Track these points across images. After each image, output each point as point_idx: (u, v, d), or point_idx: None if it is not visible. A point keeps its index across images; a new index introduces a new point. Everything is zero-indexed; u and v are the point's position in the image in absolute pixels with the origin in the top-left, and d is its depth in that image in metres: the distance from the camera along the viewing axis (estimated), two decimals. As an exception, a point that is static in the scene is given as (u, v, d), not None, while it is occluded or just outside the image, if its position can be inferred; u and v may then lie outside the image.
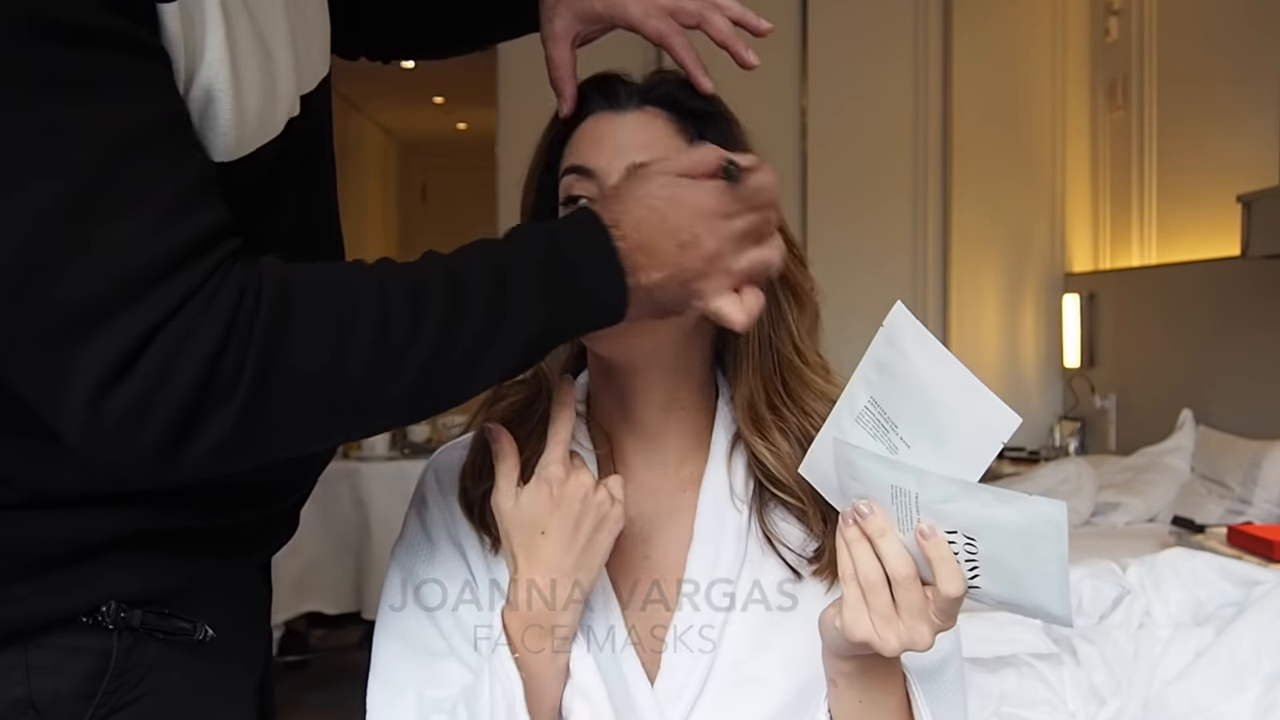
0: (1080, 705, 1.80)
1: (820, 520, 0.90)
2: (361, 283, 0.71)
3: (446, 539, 0.94)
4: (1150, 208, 4.39)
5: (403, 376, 0.71)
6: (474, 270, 0.73)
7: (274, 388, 0.67)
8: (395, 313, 0.70)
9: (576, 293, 0.75)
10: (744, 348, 0.92)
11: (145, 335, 0.64)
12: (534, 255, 0.75)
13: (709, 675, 0.87)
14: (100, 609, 0.80)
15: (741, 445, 0.93)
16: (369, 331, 0.69)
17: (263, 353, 0.66)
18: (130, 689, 0.82)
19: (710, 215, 0.77)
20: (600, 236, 0.76)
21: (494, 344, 0.73)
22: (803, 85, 4.92)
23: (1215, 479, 3.49)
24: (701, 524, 0.91)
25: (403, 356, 0.70)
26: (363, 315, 0.69)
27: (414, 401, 0.74)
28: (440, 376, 0.73)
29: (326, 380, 0.69)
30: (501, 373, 0.77)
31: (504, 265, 0.74)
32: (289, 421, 0.69)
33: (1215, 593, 1.97)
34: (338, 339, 0.69)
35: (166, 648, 0.84)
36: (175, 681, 0.84)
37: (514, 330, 0.74)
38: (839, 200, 4.88)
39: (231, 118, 0.73)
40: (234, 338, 0.66)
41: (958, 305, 4.99)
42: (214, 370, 0.65)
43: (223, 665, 0.89)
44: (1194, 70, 4.12)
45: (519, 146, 1.05)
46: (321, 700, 3.46)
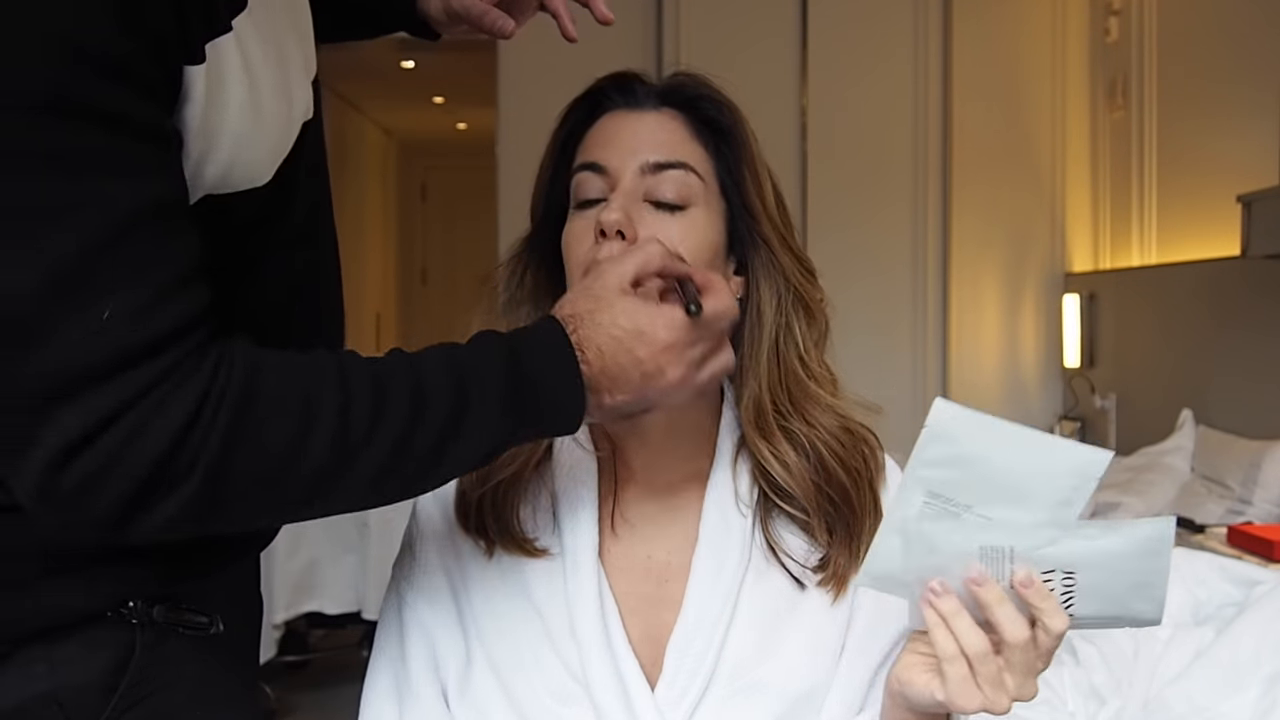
0: (1080, 705, 1.80)
1: (825, 531, 0.90)
2: (327, 380, 0.73)
3: (436, 558, 0.93)
4: (1150, 208, 4.39)
5: (354, 477, 0.73)
6: (438, 380, 0.75)
7: (229, 476, 0.69)
8: (355, 415, 0.72)
9: (535, 411, 0.78)
10: (752, 358, 0.92)
11: (112, 413, 0.65)
12: (497, 373, 0.77)
13: (710, 681, 0.86)
14: (126, 604, 0.82)
15: (746, 451, 0.92)
16: (327, 432, 0.71)
17: (223, 441, 0.68)
18: (150, 682, 0.84)
19: (673, 348, 0.79)
20: (565, 360, 0.77)
21: (447, 457, 0.76)
22: (803, 85, 4.92)
23: (1215, 479, 3.49)
24: (706, 528, 0.90)
25: (356, 458, 0.72)
26: (323, 415, 0.71)
27: (361, 499, 0.76)
28: (392, 482, 0.75)
29: (279, 473, 0.71)
30: (450, 479, 0.82)
31: (467, 382, 0.76)
32: (238, 506, 0.72)
33: (1215, 593, 1.97)
34: (296, 435, 0.70)
35: (183, 642, 0.86)
36: (190, 675, 0.86)
37: (468, 447, 0.76)
38: (839, 200, 4.88)
39: (257, 154, 0.77)
40: (197, 425, 0.67)
41: (958, 305, 4.99)
42: (174, 452, 0.67)
43: (228, 658, 0.91)
44: (1194, 70, 4.12)
45: (519, 146, 1.05)
46: (321, 700, 3.46)
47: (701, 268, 0.87)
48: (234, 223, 0.80)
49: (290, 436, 0.70)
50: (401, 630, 0.93)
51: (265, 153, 0.79)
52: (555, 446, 0.94)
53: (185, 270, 0.69)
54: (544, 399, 0.77)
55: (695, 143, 0.91)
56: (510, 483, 0.92)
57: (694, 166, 0.90)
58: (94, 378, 0.65)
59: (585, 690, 0.86)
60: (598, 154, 0.90)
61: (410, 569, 0.95)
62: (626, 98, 0.92)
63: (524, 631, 0.89)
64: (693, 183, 0.89)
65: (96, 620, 0.82)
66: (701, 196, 0.90)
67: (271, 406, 0.70)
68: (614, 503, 0.93)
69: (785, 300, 0.92)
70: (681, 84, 0.93)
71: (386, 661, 0.93)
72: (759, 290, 0.92)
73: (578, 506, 0.91)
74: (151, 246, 0.67)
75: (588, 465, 0.93)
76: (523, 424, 0.78)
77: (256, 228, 0.82)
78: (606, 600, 0.89)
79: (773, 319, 0.92)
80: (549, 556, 0.90)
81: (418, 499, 0.97)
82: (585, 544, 0.90)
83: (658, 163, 0.89)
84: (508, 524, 0.91)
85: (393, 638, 0.94)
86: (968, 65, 4.91)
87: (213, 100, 0.73)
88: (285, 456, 0.70)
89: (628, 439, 0.94)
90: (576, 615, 0.87)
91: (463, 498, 0.93)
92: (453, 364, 0.76)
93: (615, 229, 0.86)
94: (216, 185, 0.77)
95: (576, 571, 0.89)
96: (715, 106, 0.92)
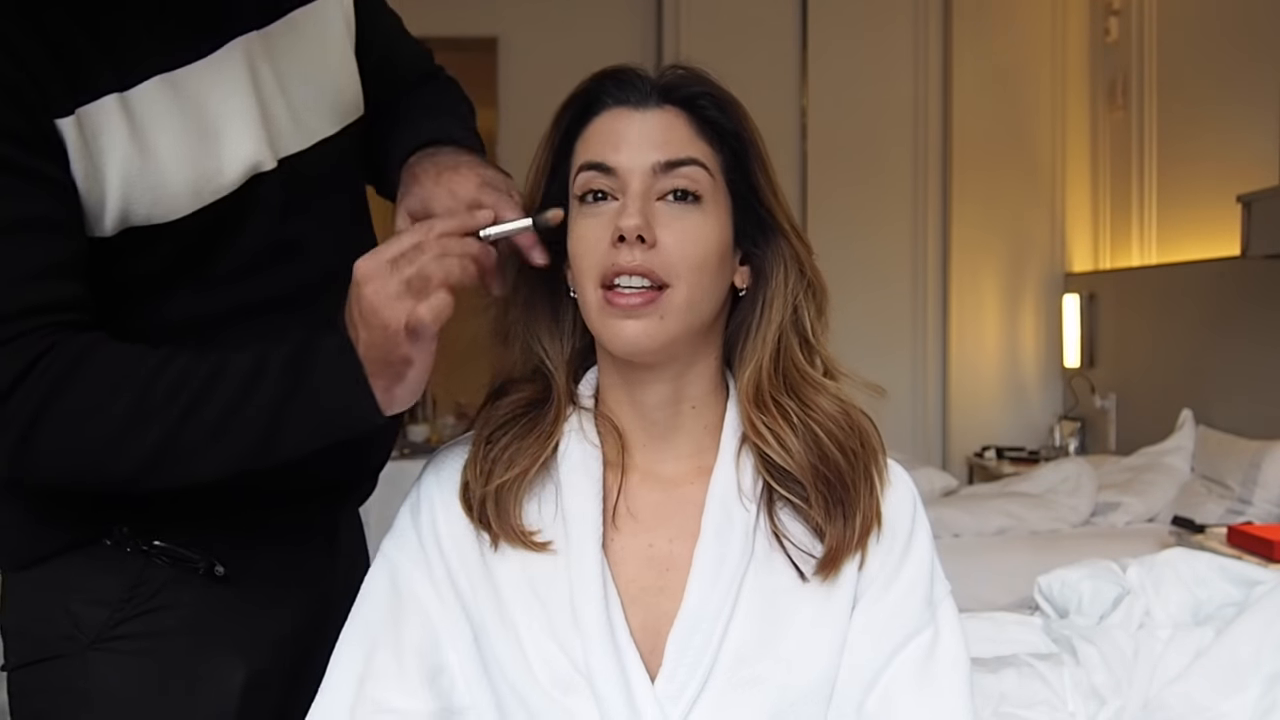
0: (1080, 705, 1.80)
1: (824, 514, 0.90)
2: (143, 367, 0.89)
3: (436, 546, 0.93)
4: (1150, 208, 4.39)
5: (146, 439, 0.89)
6: (238, 360, 0.90)
7: (42, 426, 0.88)
8: (153, 392, 0.88)
9: (313, 381, 0.90)
10: (757, 343, 0.93)
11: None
12: (281, 349, 0.91)
13: (710, 675, 0.87)
14: (115, 531, 1.01)
15: (750, 445, 0.93)
16: (125, 404, 0.88)
17: (41, 398, 0.87)
18: (144, 601, 1.02)
19: (366, 261, 0.88)
20: (334, 333, 0.90)
21: (227, 427, 0.90)
22: (803, 85, 4.92)
23: (1215, 479, 3.50)
24: (709, 520, 0.91)
25: (148, 422, 0.88)
26: (126, 390, 0.88)
27: (156, 465, 0.90)
28: (179, 446, 0.90)
29: (84, 432, 0.89)
30: (235, 459, 0.91)
31: (267, 359, 0.90)
32: (50, 458, 0.90)
33: (1215, 593, 1.97)
34: (100, 404, 0.88)
35: (178, 574, 1.03)
36: (187, 602, 1.03)
37: (247, 421, 0.90)
38: (839, 200, 4.88)
39: (153, 195, 0.94)
40: (25, 382, 0.87)
41: (958, 305, 4.99)
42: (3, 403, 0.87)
43: (236, 607, 1.05)
44: (1194, 70, 4.12)
45: (519, 146, 1.06)
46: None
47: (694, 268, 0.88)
48: (161, 251, 0.97)
49: (93, 406, 0.88)
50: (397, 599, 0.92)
51: (170, 194, 0.95)
52: (561, 441, 0.94)
53: (42, 269, 0.89)
54: (320, 365, 0.89)
55: (700, 140, 0.91)
56: (516, 481, 0.92)
57: (703, 163, 0.90)
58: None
59: (587, 680, 0.86)
60: (604, 154, 0.90)
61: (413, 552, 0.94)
62: (627, 94, 0.92)
63: (527, 621, 0.89)
64: (702, 178, 0.90)
65: (97, 546, 1.01)
66: (710, 191, 0.90)
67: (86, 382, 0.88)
68: (618, 494, 0.93)
69: (797, 286, 0.93)
70: (682, 80, 0.93)
71: (362, 631, 0.92)
72: (770, 279, 0.94)
73: (583, 499, 0.91)
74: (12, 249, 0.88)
75: (594, 458, 0.93)
76: (300, 377, 0.89)
77: (196, 258, 0.99)
78: (610, 592, 0.89)
79: (781, 305, 0.93)
80: (554, 549, 0.90)
81: (420, 483, 0.97)
82: (589, 536, 0.90)
83: (669, 161, 0.89)
84: (512, 519, 0.91)
85: (380, 607, 0.93)
86: (968, 65, 4.91)
87: (92, 149, 0.91)
88: (87, 420, 0.88)
89: (634, 434, 0.94)
90: (580, 607, 0.88)
91: (467, 489, 0.93)
92: (256, 351, 0.91)
93: (636, 234, 0.86)
94: (123, 220, 0.94)
95: (580, 563, 0.89)
96: (717, 103, 0.92)
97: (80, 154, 0.91)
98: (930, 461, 4.77)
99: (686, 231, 0.88)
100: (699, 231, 0.89)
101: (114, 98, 0.92)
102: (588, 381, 0.96)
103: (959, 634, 0.92)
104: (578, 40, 4.76)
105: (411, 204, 1.01)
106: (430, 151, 1.06)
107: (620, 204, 0.88)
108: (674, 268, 0.87)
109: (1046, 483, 3.74)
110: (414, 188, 1.01)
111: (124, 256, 0.96)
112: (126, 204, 0.93)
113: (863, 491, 0.91)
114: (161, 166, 0.94)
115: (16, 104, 0.88)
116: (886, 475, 0.94)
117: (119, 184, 0.92)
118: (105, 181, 0.92)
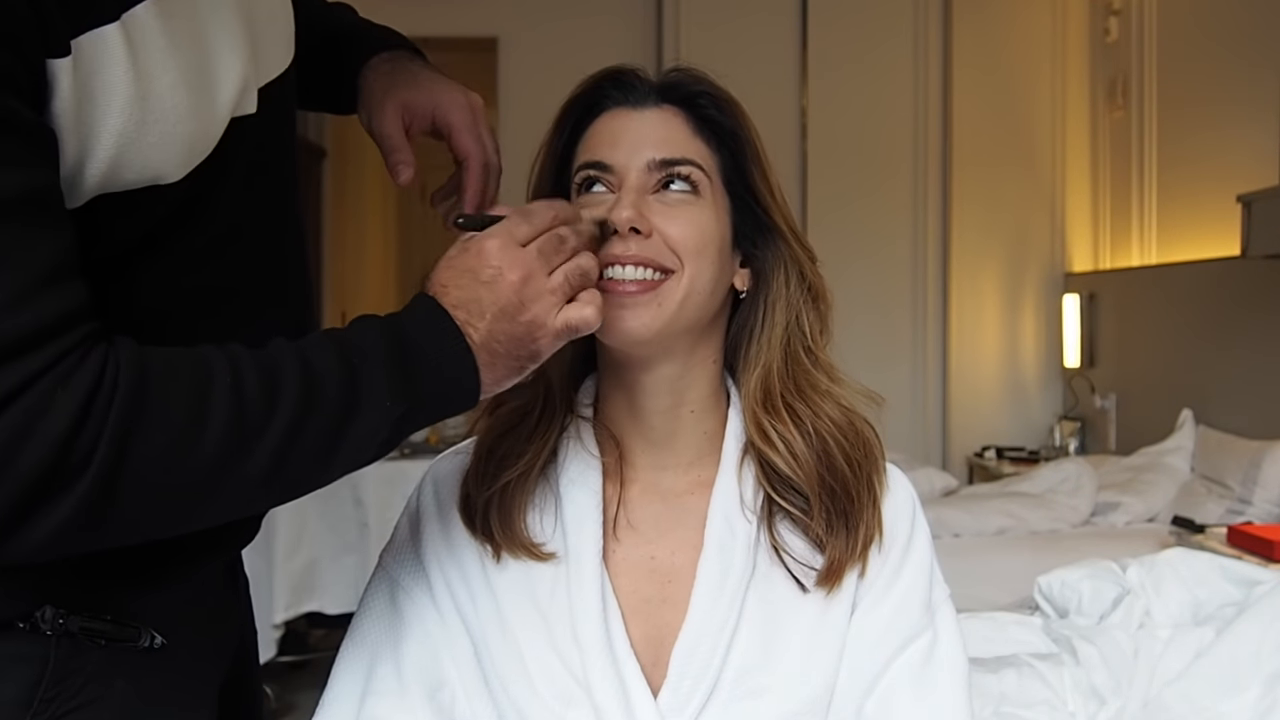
0: (1080, 705, 1.80)
1: (824, 525, 0.90)
2: (216, 369, 0.70)
3: (436, 559, 0.93)
4: (1150, 208, 4.39)
5: (252, 465, 0.70)
6: (323, 359, 0.74)
7: (120, 481, 0.65)
8: (249, 396, 0.70)
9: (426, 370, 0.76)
10: (761, 347, 0.92)
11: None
12: (379, 342, 0.76)
13: (714, 688, 0.86)
14: (35, 614, 0.77)
15: (751, 456, 0.92)
16: (222, 418, 0.68)
17: (115, 437, 0.65)
18: (70, 697, 0.79)
19: (504, 248, 0.79)
20: (439, 317, 0.77)
21: (344, 439, 0.74)
22: (803, 85, 4.92)
23: (1215, 479, 3.49)
24: (712, 533, 0.90)
25: (253, 446, 0.70)
26: (216, 401, 0.68)
27: (259, 490, 0.74)
28: (290, 468, 0.72)
29: (177, 468, 0.68)
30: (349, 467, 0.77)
31: (351, 355, 0.75)
32: (134, 507, 0.68)
33: (1215, 593, 1.97)
34: (190, 425, 0.68)
35: (110, 654, 0.81)
36: (120, 689, 0.82)
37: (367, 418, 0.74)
38: (839, 200, 4.88)
39: (155, 152, 0.73)
40: (88, 421, 0.64)
41: (958, 305, 4.99)
42: (65, 451, 0.63)
43: (175, 672, 0.87)
44: (1194, 70, 4.12)
45: (519, 146, 1.05)
46: (321, 700, 3.45)
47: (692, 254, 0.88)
48: (142, 222, 0.76)
49: (184, 427, 0.67)
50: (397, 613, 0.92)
51: (168, 150, 0.74)
52: (560, 451, 0.94)
53: (52, 266, 0.65)
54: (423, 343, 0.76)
55: (698, 139, 0.91)
56: (516, 485, 0.92)
57: (699, 163, 0.90)
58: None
59: (586, 693, 0.86)
60: (602, 153, 0.90)
61: (412, 565, 0.94)
62: (626, 94, 0.92)
63: (527, 634, 0.88)
64: (699, 178, 0.90)
65: (9, 631, 0.77)
66: (707, 191, 0.90)
67: (164, 400, 0.67)
68: (618, 505, 0.92)
69: (797, 290, 0.93)
70: (680, 80, 0.93)
71: (361, 646, 0.92)
72: (770, 281, 0.93)
73: (582, 510, 0.91)
74: (12, 240, 0.63)
75: (593, 468, 0.92)
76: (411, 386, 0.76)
77: (171, 229, 0.78)
78: (609, 604, 0.88)
79: (785, 309, 0.93)
80: (554, 560, 0.90)
81: (419, 494, 0.96)
82: (589, 547, 0.89)
83: (664, 160, 0.89)
84: (514, 528, 0.91)
85: (380, 621, 0.92)
86: (968, 65, 4.91)
87: (85, 96, 0.68)
88: (180, 445, 0.67)
89: (633, 442, 0.94)
90: (579, 619, 0.87)
91: (468, 500, 0.93)
92: (335, 343, 0.75)
93: (629, 225, 0.86)
94: (105, 184, 0.72)
95: (580, 575, 0.88)
96: (715, 103, 0.92)
97: (70, 102, 0.68)
98: (930, 461, 4.77)
99: (683, 218, 0.88)
100: (697, 219, 0.89)
101: (114, 25, 0.69)
102: (586, 389, 0.96)
103: (958, 638, 0.92)
104: (578, 40, 4.76)
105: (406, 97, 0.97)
106: (386, 57, 1.02)
107: (615, 198, 0.88)
108: (673, 254, 0.87)
109: (1046, 483, 3.74)
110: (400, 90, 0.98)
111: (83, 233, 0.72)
112: (112, 168, 0.71)
113: (865, 502, 0.91)
114: (164, 111, 0.73)
115: (12, 41, 0.64)
116: (885, 481, 0.94)
117: (113, 140, 0.71)
118: (95, 137, 0.70)
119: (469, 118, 0.99)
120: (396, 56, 1.04)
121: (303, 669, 3.83)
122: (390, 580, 0.94)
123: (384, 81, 1.00)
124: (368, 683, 0.90)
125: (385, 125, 1.00)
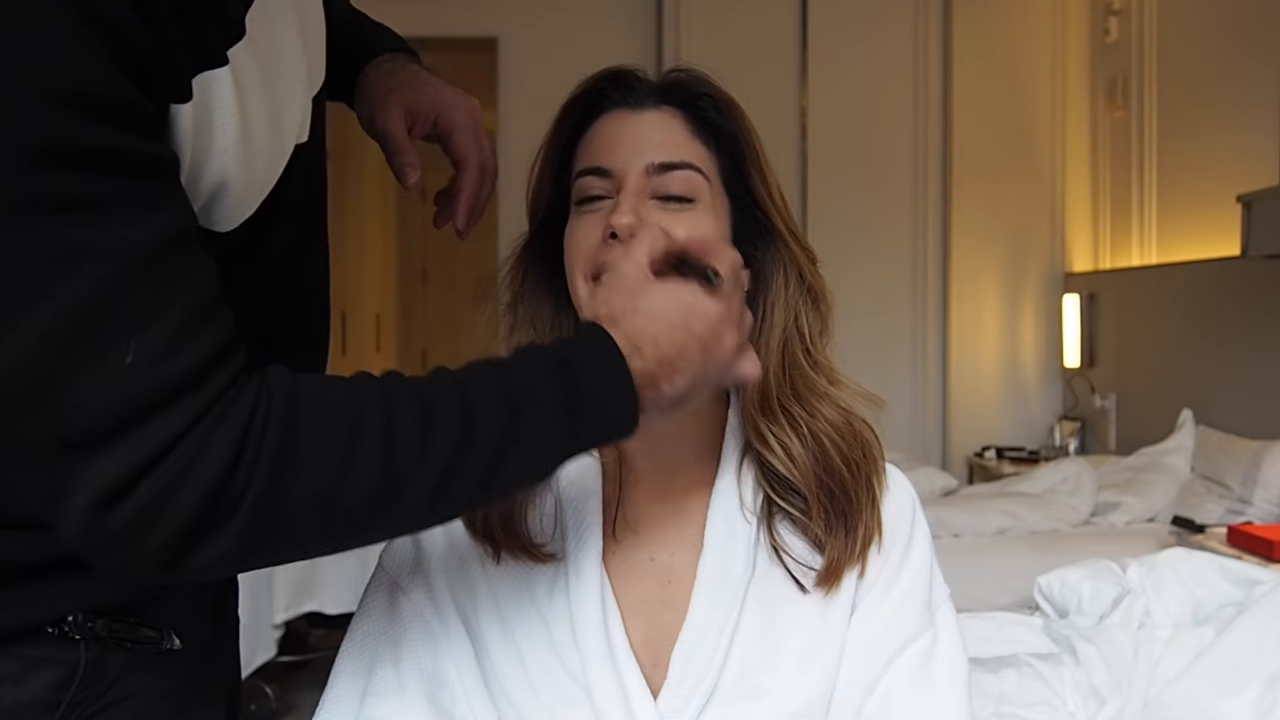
0: (1080, 705, 1.80)
1: (823, 526, 0.90)
2: (370, 404, 0.69)
3: (439, 560, 0.93)
4: (1150, 208, 4.39)
5: (405, 502, 0.70)
6: (486, 398, 0.72)
7: (277, 508, 0.66)
8: (402, 436, 0.69)
9: (589, 418, 0.75)
10: (761, 349, 0.92)
11: (153, 456, 0.63)
12: (546, 384, 0.74)
13: (715, 689, 0.86)
14: (66, 619, 0.79)
15: (751, 457, 0.92)
16: (375, 458, 0.68)
17: (269, 475, 0.65)
18: (96, 699, 0.81)
19: (725, 314, 0.79)
20: (613, 362, 0.75)
21: (501, 476, 0.73)
22: (803, 85, 4.92)
23: (1215, 479, 3.50)
24: (712, 534, 0.90)
25: (406, 483, 0.69)
26: (369, 440, 0.68)
27: (415, 523, 0.76)
28: (445, 505, 0.73)
29: (328, 502, 0.68)
30: (508, 498, 0.78)
31: (516, 397, 0.73)
32: (288, 539, 0.69)
33: (1215, 593, 1.97)
34: (344, 463, 0.68)
35: (133, 657, 0.83)
36: (140, 690, 0.83)
37: (523, 464, 0.74)
38: (839, 200, 4.88)
39: (242, 192, 0.73)
40: (242, 460, 0.65)
41: (958, 305, 4.99)
42: (220, 491, 0.64)
43: (190, 673, 0.89)
44: (1194, 70, 4.12)
45: (519, 146, 1.05)
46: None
47: None
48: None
49: (338, 465, 0.67)
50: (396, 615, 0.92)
51: (250, 192, 0.75)
52: None
53: (205, 300, 0.66)
54: (596, 403, 0.75)
55: (697, 141, 0.91)
56: None
57: (699, 166, 0.90)
58: (128, 422, 0.62)
59: (586, 694, 0.86)
60: (601, 158, 0.90)
61: (412, 566, 0.94)
62: (625, 96, 0.91)
63: (527, 635, 0.88)
64: (698, 181, 0.89)
65: (38, 635, 0.78)
66: (707, 194, 0.90)
67: (316, 436, 0.67)
68: (618, 507, 0.92)
69: (796, 292, 0.92)
70: (680, 81, 0.92)
71: (360, 647, 0.92)
72: (770, 284, 0.93)
73: (582, 512, 0.91)
74: (168, 281, 0.64)
75: (592, 470, 0.92)
76: (578, 433, 0.75)
77: (232, 261, 0.77)
78: (609, 606, 0.88)
79: (784, 311, 0.92)
80: (554, 562, 0.90)
81: None
82: (589, 549, 0.89)
83: (663, 163, 0.88)
84: (515, 529, 0.91)
85: (380, 622, 0.92)
86: (968, 65, 4.91)
87: (198, 141, 0.69)
88: (334, 486, 0.67)
89: (633, 443, 0.93)
90: (578, 620, 0.87)
91: None
92: (500, 379, 0.73)
93: (628, 232, 0.85)
94: None
95: (579, 577, 0.88)
96: (715, 104, 0.92)
97: (189, 144, 0.68)
98: (930, 461, 4.78)
99: (683, 222, 0.88)
100: (697, 222, 0.88)
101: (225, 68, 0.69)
102: None
103: (958, 638, 0.92)
104: (578, 40, 4.76)
105: (410, 99, 0.99)
106: (387, 59, 1.04)
107: (614, 203, 0.88)
108: None
109: (1046, 483, 3.74)
110: (403, 91, 1.00)
111: None
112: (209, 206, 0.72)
113: (864, 503, 0.91)
114: (255, 153, 0.73)
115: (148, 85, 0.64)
116: (885, 481, 0.94)
117: (213, 179, 0.71)
118: (201, 179, 0.71)
119: (469, 120, 1.01)
120: (397, 58, 1.05)
121: (303, 669, 3.83)
122: (390, 581, 0.94)
123: (387, 82, 1.01)
124: (368, 683, 0.90)
125: (391, 126, 1.00)
